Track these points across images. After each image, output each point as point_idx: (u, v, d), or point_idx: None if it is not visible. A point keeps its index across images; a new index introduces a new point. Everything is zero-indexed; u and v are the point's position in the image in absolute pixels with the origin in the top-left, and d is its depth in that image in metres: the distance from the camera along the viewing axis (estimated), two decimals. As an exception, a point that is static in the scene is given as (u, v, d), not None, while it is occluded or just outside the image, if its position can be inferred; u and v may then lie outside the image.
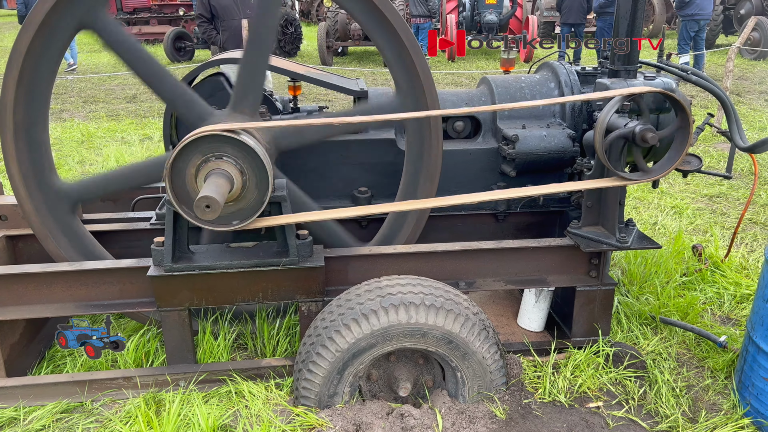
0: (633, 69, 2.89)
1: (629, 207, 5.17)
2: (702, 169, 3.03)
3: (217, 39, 6.65)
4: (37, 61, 2.55)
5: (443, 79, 12.06)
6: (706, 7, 10.69)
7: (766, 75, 12.26)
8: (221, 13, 6.65)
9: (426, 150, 2.82)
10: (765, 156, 6.38)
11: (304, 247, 2.63)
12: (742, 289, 3.70)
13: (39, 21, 2.47)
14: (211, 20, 6.71)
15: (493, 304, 3.54)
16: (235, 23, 6.59)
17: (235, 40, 6.62)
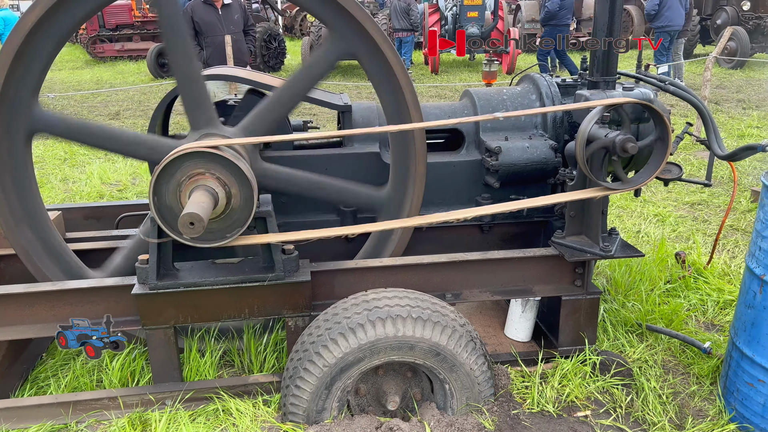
0: (612, 80, 2.94)
1: (612, 216, 5.22)
2: (682, 177, 3.08)
3: (201, 55, 6.67)
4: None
5: (426, 92, 12.14)
6: (675, 19, 10.98)
7: (743, 84, 12.50)
8: (204, 30, 6.67)
9: (411, 163, 2.84)
10: (743, 163, 6.49)
11: (290, 261, 2.63)
12: (725, 295, 3.75)
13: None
14: (194, 36, 6.73)
15: (480, 315, 3.55)
16: (218, 39, 6.62)
17: (218, 56, 6.64)
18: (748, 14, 14.73)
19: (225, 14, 6.78)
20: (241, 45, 6.92)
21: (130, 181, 6.43)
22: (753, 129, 8.29)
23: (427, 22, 15.42)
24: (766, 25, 14.55)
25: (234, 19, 6.82)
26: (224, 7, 6.91)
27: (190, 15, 6.70)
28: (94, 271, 2.86)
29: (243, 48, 6.98)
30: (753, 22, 14.58)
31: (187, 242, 2.41)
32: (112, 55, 17.64)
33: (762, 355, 2.54)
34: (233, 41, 6.70)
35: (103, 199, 5.85)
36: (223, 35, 6.67)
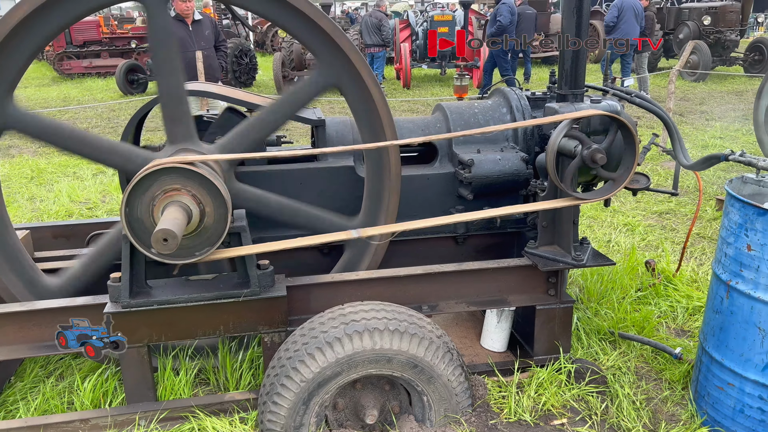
0: (580, 93, 3.01)
1: (584, 226, 5.31)
2: (650, 187, 3.15)
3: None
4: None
5: (399, 106, 12.23)
6: (630, 32, 11.42)
7: (706, 96, 12.87)
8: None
9: (385, 177, 2.86)
10: (708, 173, 6.67)
11: (265, 277, 2.62)
12: (693, 301, 3.83)
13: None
14: None
15: (457, 326, 3.57)
16: (189, 55, 6.58)
17: (189, 72, 6.60)
18: (709, 29, 15.21)
19: (195, 30, 6.75)
20: (212, 61, 6.90)
21: (99, 199, 6.33)
22: (716, 139, 8.53)
23: (399, 38, 15.57)
24: (725, 39, 15.04)
25: (205, 35, 6.80)
26: (195, 23, 6.90)
27: None
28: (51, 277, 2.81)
29: (214, 64, 6.96)
30: (713, 36, 15.07)
31: (160, 259, 2.39)
32: (79, 72, 17.39)
33: (731, 359, 2.60)
34: (204, 57, 6.68)
35: (73, 217, 5.74)
36: (194, 51, 6.64)
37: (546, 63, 18.83)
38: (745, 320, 2.52)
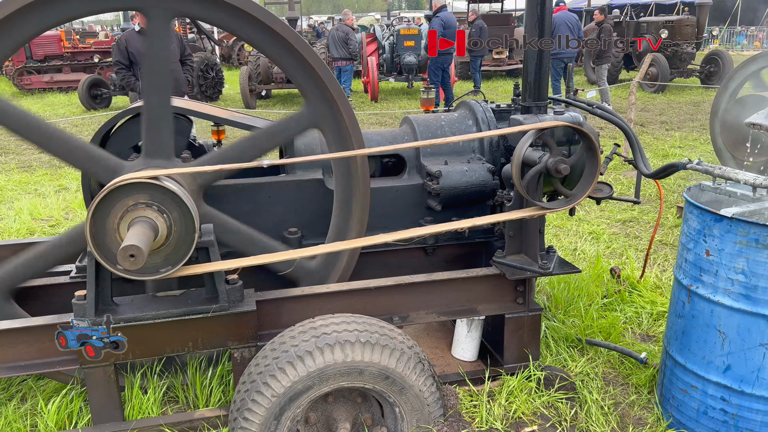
0: (543, 105, 3.08)
1: (550, 235, 5.40)
2: (613, 196, 3.23)
3: (136, 85, 6.59)
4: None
5: (367, 119, 12.29)
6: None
7: (665, 106, 13.25)
8: (140, 60, 6.60)
9: (354, 189, 2.87)
10: (669, 181, 6.86)
11: (234, 291, 2.60)
12: (657, 306, 3.92)
13: None
14: (129, 67, 6.64)
15: (428, 336, 3.59)
16: None
17: None
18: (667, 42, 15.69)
19: None
20: (178, 75, 6.87)
21: (62, 217, 6.19)
22: (676, 149, 8.79)
23: (366, 51, 15.66)
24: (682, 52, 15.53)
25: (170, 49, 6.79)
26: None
27: (125, 45, 6.60)
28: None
29: (180, 78, 6.92)
30: (671, 49, 15.55)
31: (127, 275, 2.35)
32: (40, 87, 17.02)
33: (693, 362, 2.67)
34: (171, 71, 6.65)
35: (34, 235, 5.59)
36: None
37: (510, 76, 19.16)
38: (705, 324, 2.60)
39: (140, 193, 2.31)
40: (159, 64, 2.60)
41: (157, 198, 2.33)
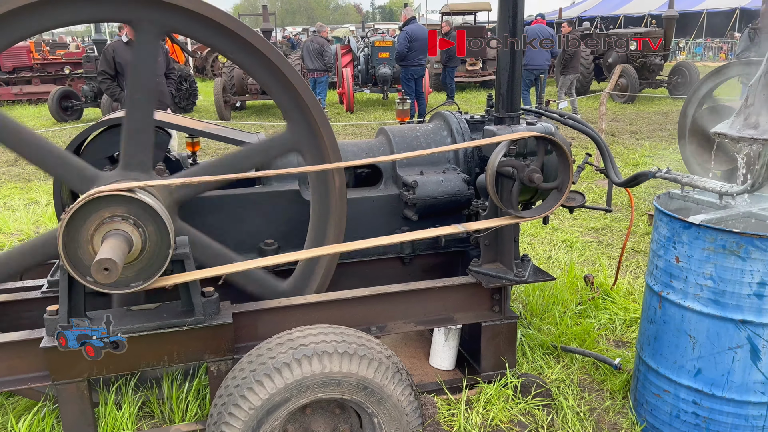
0: (516, 116, 3.13)
1: (525, 243, 5.46)
2: (586, 204, 3.29)
3: (121, 96, 6.55)
4: None
5: (343, 130, 12.31)
6: (536, 59, 12.07)
7: (635, 116, 13.53)
8: (126, 70, 6.58)
9: (331, 199, 2.88)
10: (640, 190, 6.99)
11: (210, 304, 2.58)
12: (630, 313, 3.99)
13: None
14: (114, 77, 6.60)
15: (406, 346, 3.60)
16: None
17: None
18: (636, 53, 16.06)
19: None
20: (163, 88, 6.87)
21: (33, 230, 6.07)
22: (646, 158, 8.97)
23: (341, 63, 15.73)
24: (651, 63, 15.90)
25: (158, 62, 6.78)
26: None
27: (112, 55, 6.56)
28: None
29: (165, 90, 6.92)
30: (640, 60, 15.90)
31: (101, 289, 2.32)
32: (9, 99, 16.71)
33: (666, 366, 2.72)
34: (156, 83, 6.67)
35: (3, 249, 5.48)
36: None
37: (484, 87, 19.39)
38: (677, 329, 2.65)
39: (116, 206, 2.29)
40: (145, 78, 2.58)
41: (133, 211, 2.31)
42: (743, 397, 2.54)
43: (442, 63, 14.65)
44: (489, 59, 18.86)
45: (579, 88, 16.39)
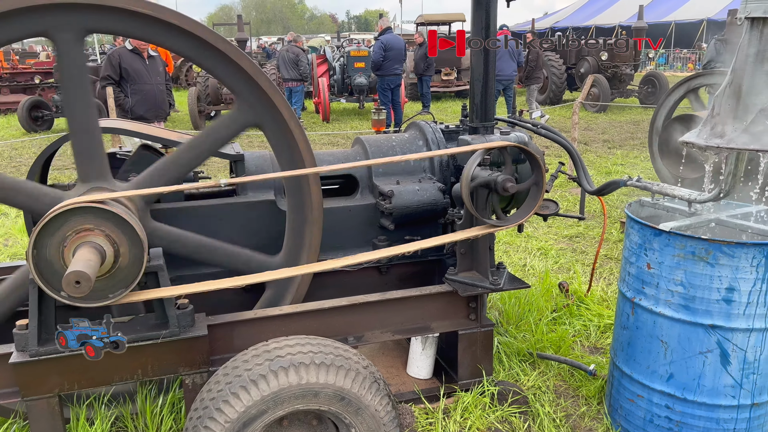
0: (490, 125, 3.16)
1: (500, 251, 5.51)
2: (559, 212, 3.33)
3: (126, 102, 6.52)
4: None
5: (319, 140, 12.30)
6: (505, 69, 12.41)
7: (607, 126, 13.76)
8: (133, 77, 6.57)
9: (307, 209, 2.87)
10: (612, 197, 7.11)
11: (185, 316, 2.55)
12: (604, 319, 4.05)
13: None
14: (118, 83, 6.58)
15: (383, 356, 3.59)
16: (146, 87, 6.60)
17: (144, 104, 6.58)
18: (607, 63, 16.37)
19: (151, 64, 6.75)
20: (164, 96, 6.91)
21: (2, 243, 5.94)
22: (618, 166, 9.13)
23: (316, 72, 15.73)
24: (621, 73, 16.22)
25: (159, 71, 6.87)
26: (150, 57, 7.00)
27: (118, 61, 6.55)
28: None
29: (166, 99, 6.96)
30: (611, 70, 16.21)
31: (72, 302, 2.28)
32: (-23, 109, 16.38)
33: (639, 372, 2.76)
34: (158, 92, 6.74)
35: (-29, 263, 5.34)
36: (151, 84, 6.65)
37: (459, 97, 19.56)
38: (649, 334, 2.70)
39: (85, 218, 2.25)
40: (78, 85, 2.49)
41: (103, 222, 2.27)
42: (714, 400, 2.59)
43: (417, 73, 14.74)
44: (463, 69, 19.04)
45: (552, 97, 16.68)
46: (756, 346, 2.52)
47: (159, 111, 6.82)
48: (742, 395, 2.57)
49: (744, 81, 2.34)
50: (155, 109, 6.75)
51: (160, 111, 6.84)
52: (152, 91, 6.66)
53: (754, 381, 2.56)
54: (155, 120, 6.79)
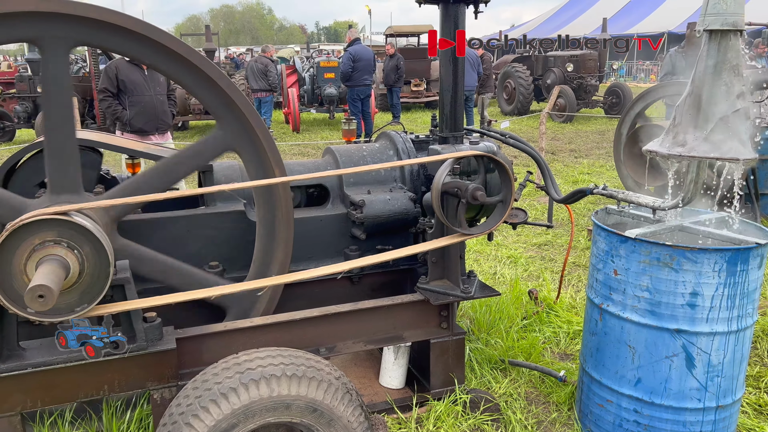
0: (459, 135, 3.20)
1: (470, 260, 5.55)
2: (528, 220, 3.38)
3: (123, 114, 6.35)
4: None
5: (289, 150, 12.26)
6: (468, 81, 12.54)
7: (573, 135, 14.02)
8: (130, 88, 6.37)
9: (277, 219, 2.86)
10: (579, 206, 7.23)
11: (153, 330, 2.50)
12: (573, 326, 4.10)
13: None
14: (116, 95, 6.40)
15: (355, 366, 3.58)
16: (145, 99, 6.39)
17: (143, 116, 6.39)
18: (572, 74, 16.71)
19: (151, 75, 6.55)
20: (165, 107, 6.68)
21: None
22: (584, 175, 9.30)
23: (286, 83, 15.69)
24: (587, 84, 16.57)
25: (160, 81, 6.62)
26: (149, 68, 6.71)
27: (115, 73, 6.36)
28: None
29: (167, 110, 6.75)
30: (576, 81, 16.55)
31: (36, 318, 2.21)
32: (-64, 120, 15.86)
33: (608, 377, 2.80)
34: (158, 103, 6.51)
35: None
36: (151, 95, 6.44)
37: (428, 107, 19.71)
38: (617, 340, 2.74)
39: (48, 231, 2.20)
40: (61, 96, 2.45)
41: (67, 234, 2.22)
42: (680, 403, 2.64)
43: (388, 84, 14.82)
44: (433, 80, 19.21)
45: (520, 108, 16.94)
46: (719, 350, 2.58)
47: (159, 123, 6.58)
48: (708, 398, 2.63)
49: (704, 91, 2.41)
50: (155, 121, 6.52)
51: (161, 123, 6.59)
52: (151, 102, 6.42)
53: (719, 384, 2.62)
54: (155, 132, 6.54)
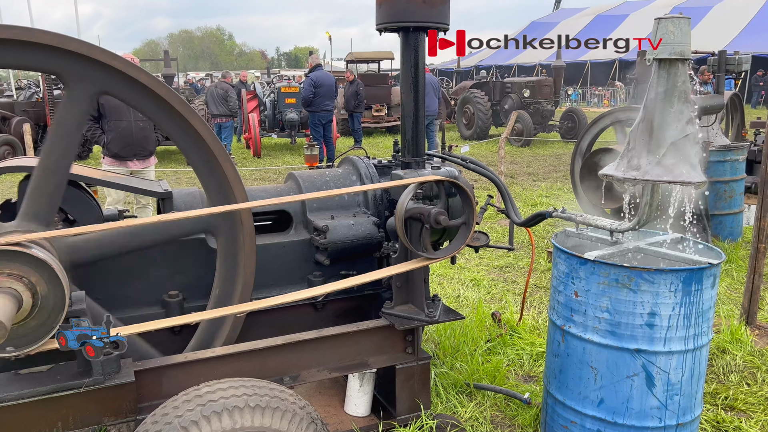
0: (421, 160, 3.23)
1: (434, 283, 5.57)
2: (490, 243, 3.42)
3: (102, 139, 6.20)
4: None
5: (251, 175, 12.16)
6: (430, 105, 12.74)
7: (531, 159, 14.33)
8: (109, 113, 6.23)
9: (239, 246, 2.82)
10: (539, 228, 7.36)
11: (110, 363, 2.42)
12: (536, 347, 4.14)
13: None
14: (97, 119, 6.25)
15: (320, 395, 3.52)
16: (123, 124, 6.26)
17: (120, 141, 6.25)
18: (529, 100, 17.16)
19: None
20: (148, 133, 6.52)
21: None
22: (543, 198, 9.49)
23: (246, 108, 15.64)
24: (543, 109, 17.02)
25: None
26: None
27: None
28: None
29: (150, 136, 6.58)
30: (533, 107, 16.99)
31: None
32: None
33: (571, 398, 2.83)
34: (137, 129, 6.35)
35: None
36: (129, 121, 6.28)
37: (390, 132, 19.90)
38: (579, 361, 2.78)
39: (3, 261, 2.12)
40: (69, 130, 2.45)
41: (18, 266, 2.14)
42: (642, 422, 2.68)
43: (348, 110, 14.94)
44: (394, 105, 19.44)
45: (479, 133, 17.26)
46: (678, 368, 2.64)
47: (137, 149, 6.44)
48: (668, 416, 2.67)
49: (655, 117, 2.51)
50: (132, 147, 6.38)
51: (139, 149, 6.45)
52: (129, 128, 6.27)
53: (678, 402, 2.68)
54: (133, 158, 6.41)
